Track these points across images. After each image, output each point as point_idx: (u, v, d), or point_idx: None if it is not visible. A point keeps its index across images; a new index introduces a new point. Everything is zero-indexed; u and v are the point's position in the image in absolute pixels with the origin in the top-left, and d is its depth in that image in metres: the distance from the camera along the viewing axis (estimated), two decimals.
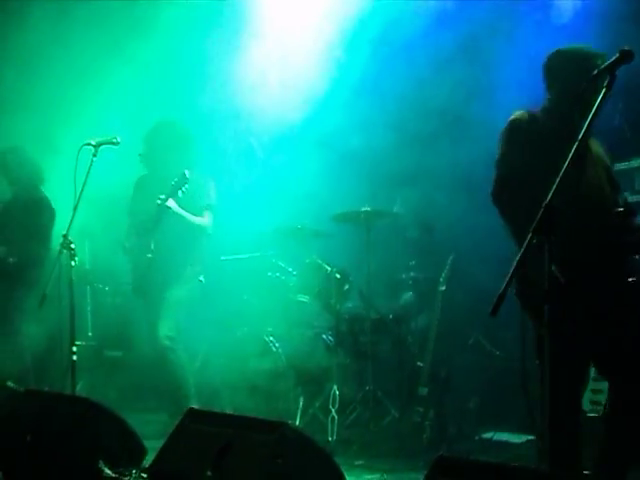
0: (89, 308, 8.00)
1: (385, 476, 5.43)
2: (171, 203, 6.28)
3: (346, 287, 6.84)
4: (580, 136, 3.40)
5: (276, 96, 7.02)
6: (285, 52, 7.04)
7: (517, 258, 3.23)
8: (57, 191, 6.68)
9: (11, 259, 6.77)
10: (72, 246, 5.65)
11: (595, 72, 3.73)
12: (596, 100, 3.47)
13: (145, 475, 4.41)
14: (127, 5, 7.34)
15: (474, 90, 6.61)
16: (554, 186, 3.25)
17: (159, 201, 6.25)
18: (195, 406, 4.93)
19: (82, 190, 5.65)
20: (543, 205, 3.23)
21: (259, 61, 7.03)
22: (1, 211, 7.01)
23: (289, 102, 7.00)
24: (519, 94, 5.46)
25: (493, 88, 6.40)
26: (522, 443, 6.22)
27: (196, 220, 6.53)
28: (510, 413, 6.61)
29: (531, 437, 6.23)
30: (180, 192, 6.23)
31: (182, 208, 6.37)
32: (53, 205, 6.84)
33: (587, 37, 5.09)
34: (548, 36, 6.01)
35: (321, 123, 7.03)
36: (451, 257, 6.32)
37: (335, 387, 6.37)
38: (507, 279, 3.18)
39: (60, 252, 5.64)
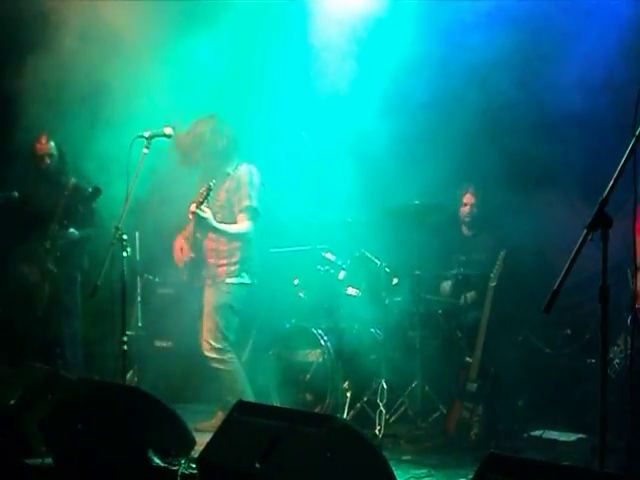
0: (139, 299, 8.06)
1: (432, 472, 5.39)
2: (207, 213, 6.27)
3: (395, 281, 6.83)
4: (638, 133, 3.34)
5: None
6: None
7: (571, 256, 3.18)
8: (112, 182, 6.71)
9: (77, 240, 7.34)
10: (124, 237, 5.71)
11: None
12: None
13: (194, 465, 4.45)
14: None
15: None
16: (612, 182, 3.20)
17: (190, 215, 6.30)
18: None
19: (134, 182, 5.71)
20: (599, 200, 3.18)
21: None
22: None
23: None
24: None
25: None
26: (572, 441, 6.15)
27: (229, 229, 6.46)
28: (560, 411, 6.56)
29: (581, 435, 6.17)
30: (206, 202, 6.19)
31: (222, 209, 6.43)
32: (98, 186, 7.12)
33: None
34: None
35: (368, 117, 6.95)
36: (503, 253, 6.26)
37: (383, 381, 6.36)
38: (561, 276, 3.13)
39: (112, 243, 5.70)
